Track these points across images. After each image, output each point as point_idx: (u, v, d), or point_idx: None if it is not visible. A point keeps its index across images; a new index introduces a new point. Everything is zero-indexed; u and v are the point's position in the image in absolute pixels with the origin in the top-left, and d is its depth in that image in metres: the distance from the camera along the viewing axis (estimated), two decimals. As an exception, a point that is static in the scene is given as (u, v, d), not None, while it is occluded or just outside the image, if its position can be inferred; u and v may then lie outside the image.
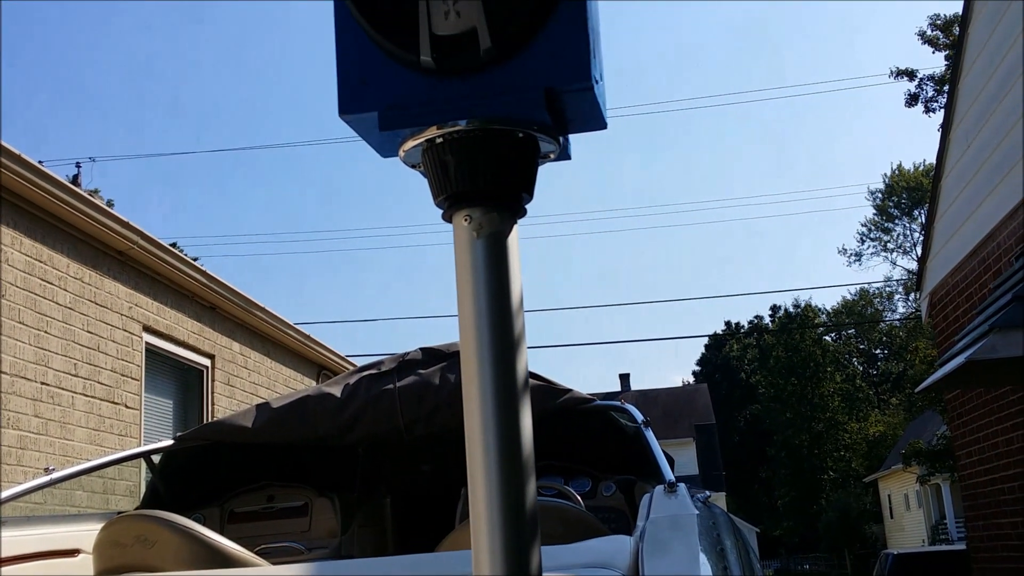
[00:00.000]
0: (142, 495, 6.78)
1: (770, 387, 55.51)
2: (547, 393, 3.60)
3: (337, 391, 3.75)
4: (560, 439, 3.73)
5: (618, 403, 4.02)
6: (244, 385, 8.92)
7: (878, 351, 63.69)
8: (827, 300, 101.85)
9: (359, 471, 4.22)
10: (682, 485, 2.95)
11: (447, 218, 1.02)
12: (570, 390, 3.69)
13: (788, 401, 53.91)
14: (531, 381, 3.78)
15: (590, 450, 3.77)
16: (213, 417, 7.99)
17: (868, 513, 44.30)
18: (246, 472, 4.03)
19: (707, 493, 3.50)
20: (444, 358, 3.85)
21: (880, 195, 52.45)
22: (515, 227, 1.02)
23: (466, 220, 1.01)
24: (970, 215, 7.70)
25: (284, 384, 9.71)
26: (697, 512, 2.57)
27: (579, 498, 3.44)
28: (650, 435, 3.62)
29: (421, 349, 3.99)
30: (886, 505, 42.58)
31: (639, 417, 3.75)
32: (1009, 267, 6.45)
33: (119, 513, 3.55)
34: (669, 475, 3.13)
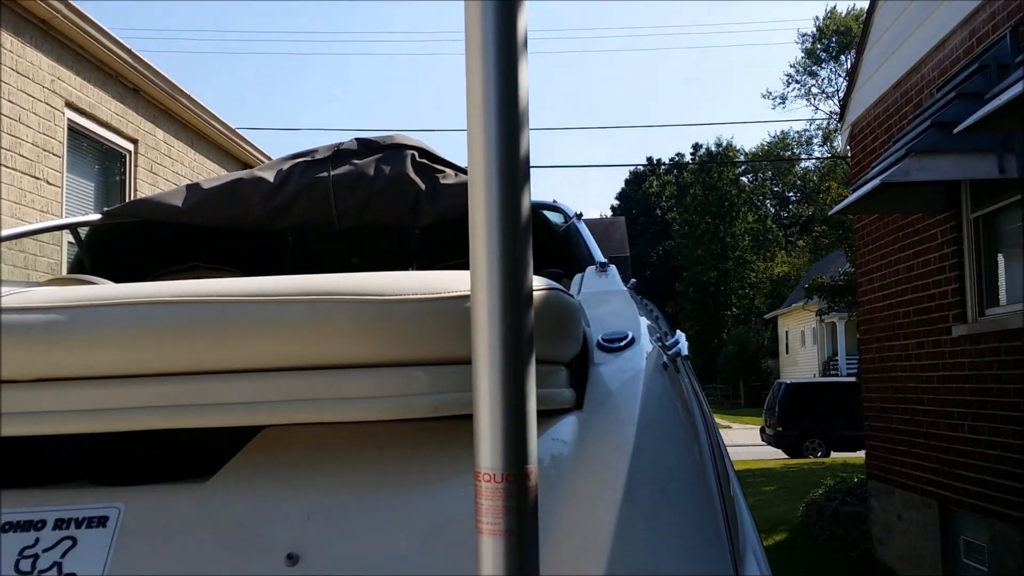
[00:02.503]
0: (65, 270, 6.75)
1: (685, 224, 56.63)
2: None
3: (270, 176, 3.66)
4: None
5: (551, 201, 4.09)
6: (168, 175, 8.77)
7: (791, 194, 65.12)
8: (748, 142, 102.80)
9: (288, 258, 4.26)
10: (612, 266, 3.05)
11: None
12: None
13: (701, 239, 55.20)
14: (466, 178, 3.83)
15: None
16: (135, 203, 7.87)
17: (765, 348, 46.40)
18: (174, 252, 3.96)
19: (634, 280, 3.60)
20: (380, 150, 3.81)
21: (811, 38, 52.34)
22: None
23: None
24: (897, 49, 7.81)
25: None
26: (627, 288, 2.69)
27: None
28: (582, 227, 3.68)
29: (356, 139, 3.94)
30: (783, 341, 44.63)
31: (570, 211, 3.83)
32: (930, 98, 6.64)
33: (36, 283, 3.55)
34: (600, 257, 3.22)
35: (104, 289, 1.40)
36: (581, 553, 1.17)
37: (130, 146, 8.20)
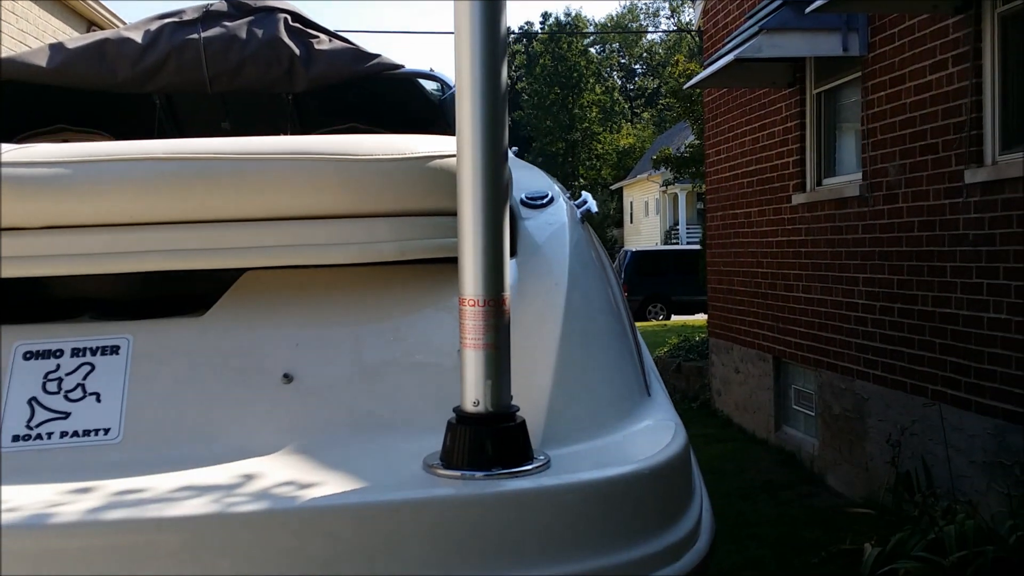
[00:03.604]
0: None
1: (534, 95, 56.74)
2: (357, 56, 3.60)
3: (138, 37, 3.55)
4: (367, 103, 3.79)
5: (428, 71, 4.18)
6: (12, 32, 8.30)
7: (637, 67, 65.97)
8: (597, 12, 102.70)
9: (156, 122, 4.20)
10: None
11: None
12: (378, 55, 3.66)
13: (549, 109, 55.53)
14: (341, 44, 3.87)
15: (397, 114, 3.84)
16: (-21, 61, 7.47)
17: (611, 218, 47.77)
18: (39, 113, 3.85)
19: (516, 148, 3.78)
20: (252, 12, 3.69)
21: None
22: None
23: None
24: (753, -74, 8.10)
25: (52, 36, 9.08)
26: (513, 155, 2.91)
27: None
28: None
29: (226, 1, 3.92)
30: (627, 211, 45.99)
31: (451, 83, 3.95)
32: (782, -23, 6.97)
33: None
34: None
35: (106, 146, 1.53)
36: (532, 368, 1.43)
37: (-31, 0, 7.72)
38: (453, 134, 3.60)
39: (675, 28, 50.93)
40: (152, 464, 1.31)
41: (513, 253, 1.66)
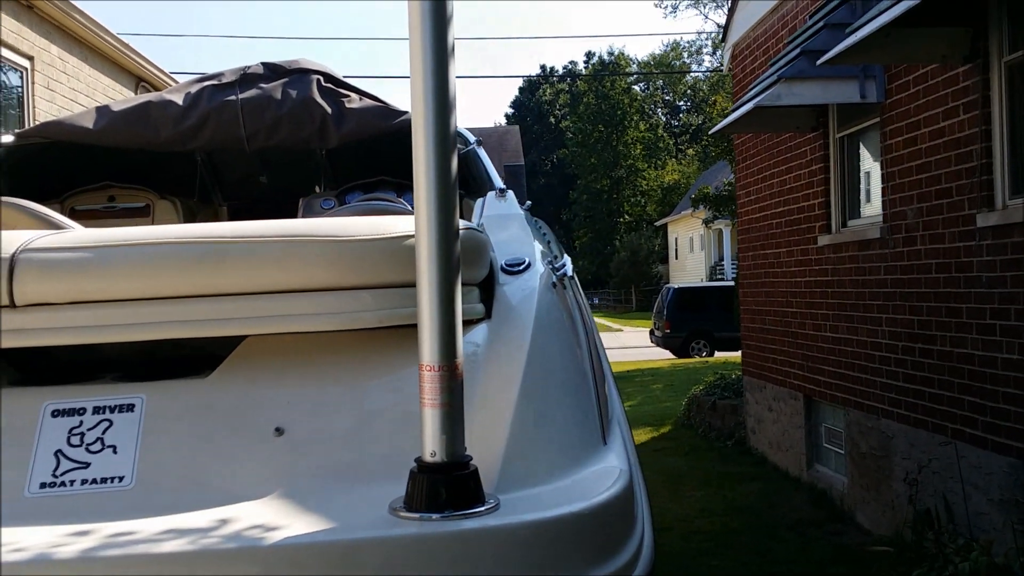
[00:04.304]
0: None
1: (578, 133, 57.19)
2: (385, 113, 3.82)
3: (179, 99, 3.80)
4: (395, 157, 3.93)
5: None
6: (64, 91, 8.76)
7: (681, 103, 66.19)
8: (640, 51, 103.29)
9: (198, 178, 4.37)
10: (510, 191, 3.46)
11: None
12: (406, 112, 3.84)
13: (594, 147, 55.91)
14: (370, 102, 4.11)
15: None
16: (35, 120, 7.91)
17: (656, 254, 47.79)
18: (86, 172, 4.11)
19: (529, 203, 3.97)
20: (286, 74, 3.94)
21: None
22: None
23: None
24: (777, -26, 8.30)
25: (103, 94, 9.55)
26: (523, 212, 3.13)
27: (410, 208, 3.86)
28: (482, 153, 4.01)
29: (263, 64, 4.03)
30: (673, 247, 46.01)
31: (471, 138, 4.15)
32: (803, 24, 7.16)
33: None
34: (499, 183, 3.61)
35: (120, 232, 1.80)
36: (493, 421, 1.65)
37: (26, 63, 8.17)
38: (472, 186, 3.82)
39: (717, 67, 51.07)
40: (159, 507, 1.54)
41: (489, 315, 1.89)
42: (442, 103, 1.43)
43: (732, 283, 22.76)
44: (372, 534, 1.40)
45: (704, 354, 21.10)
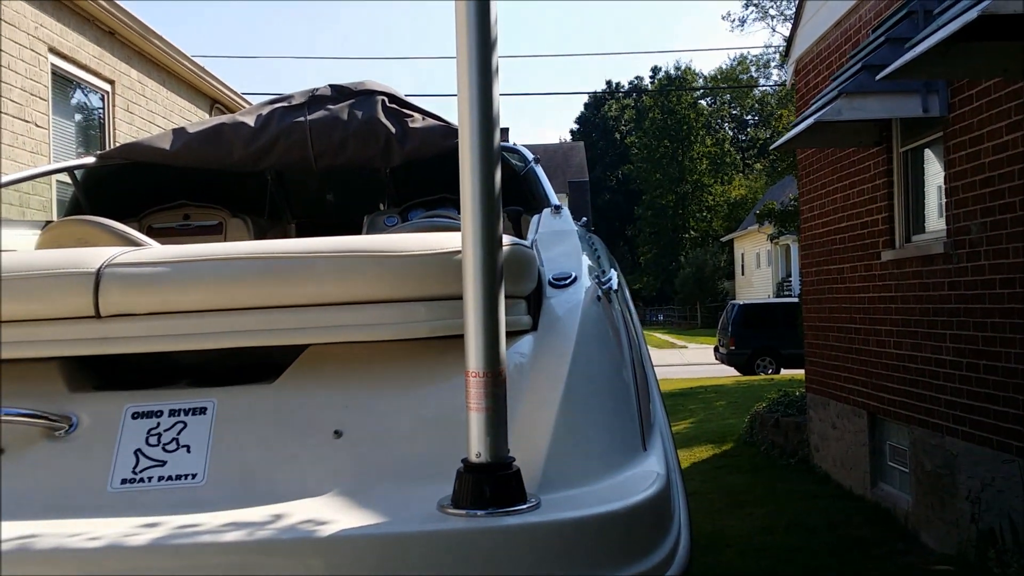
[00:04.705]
0: (56, 209, 7.12)
1: (643, 148, 57.05)
2: (447, 132, 3.90)
3: (251, 120, 3.93)
4: (456, 175, 4.20)
5: (511, 144, 4.47)
6: (143, 112, 9.10)
7: (749, 117, 65.63)
8: (707, 65, 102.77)
9: (268, 197, 4.49)
10: (565, 208, 3.55)
11: None
12: None
13: (659, 162, 55.72)
14: (433, 122, 4.23)
15: None
16: (115, 141, 8.23)
17: (722, 270, 47.36)
18: (163, 191, 4.27)
19: (586, 219, 4.05)
20: (352, 95, 4.07)
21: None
22: None
23: None
24: (840, -12, 8.28)
25: (179, 115, 9.89)
26: (577, 228, 3.22)
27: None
28: (539, 171, 4.09)
29: (330, 86, 4.16)
30: (739, 263, 45.55)
31: (529, 156, 4.23)
32: (865, 39, 7.14)
33: (48, 222, 3.78)
34: (555, 201, 3.69)
35: (195, 248, 1.94)
36: (537, 425, 1.75)
37: (107, 87, 8.52)
38: (531, 203, 3.91)
39: (784, 80, 50.59)
40: (228, 502, 1.66)
41: (535, 327, 1.98)
42: (486, 123, 1.54)
43: (798, 299, 22.55)
44: (422, 528, 1.50)
45: (770, 371, 20.86)
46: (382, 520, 1.54)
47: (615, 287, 2.38)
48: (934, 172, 6.71)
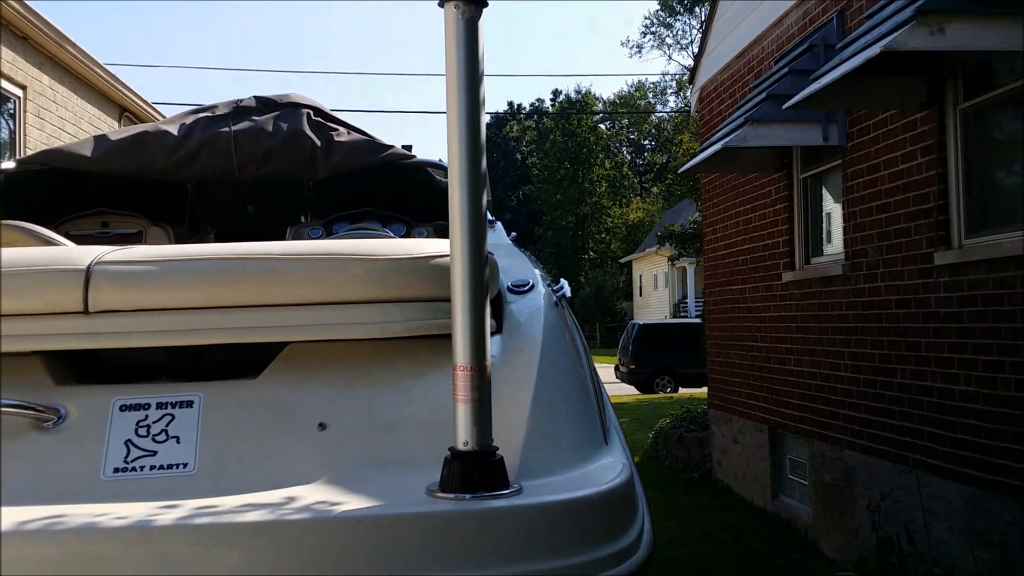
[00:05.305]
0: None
1: (544, 169, 57.73)
2: (372, 147, 3.97)
3: (174, 129, 3.91)
4: (381, 189, 4.14)
5: (436, 160, 4.57)
6: (53, 119, 8.91)
7: (646, 142, 67.07)
8: (606, 88, 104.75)
9: (188, 206, 4.48)
10: (499, 222, 3.66)
11: (441, 5, 1.63)
12: (392, 146, 4.04)
13: (560, 184, 56.43)
14: (358, 136, 4.29)
15: (408, 200, 4.20)
16: (26, 146, 8.04)
17: (620, 291, 48.20)
18: (81, 198, 4.20)
19: (515, 234, 4.16)
20: (277, 107, 4.07)
21: (666, -11, 53.65)
22: (482, 12, 1.64)
23: (455, 8, 1.62)
24: (742, 21, 8.61)
25: (89, 123, 9.68)
26: (511, 241, 3.34)
27: (396, 238, 4.00)
28: None
29: (255, 97, 4.19)
30: (637, 284, 46.46)
31: None
32: (768, 70, 7.46)
33: None
34: (489, 215, 3.81)
35: (182, 248, 1.99)
36: (511, 420, 1.86)
37: (19, 92, 8.35)
38: None
39: (682, 107, 51.96)
40: (224, 489, 1.73)
41: (500, 330, 2.09)
42: (474, 144, 1.65)
43: (697, 320, 23.13)
44: (416, 509, 1.60)
45: (668, 390, 21.32)
46: (374, 504, 1.63)
47: (568, 294, 2.51)
48: (832, 198, 7.05)
